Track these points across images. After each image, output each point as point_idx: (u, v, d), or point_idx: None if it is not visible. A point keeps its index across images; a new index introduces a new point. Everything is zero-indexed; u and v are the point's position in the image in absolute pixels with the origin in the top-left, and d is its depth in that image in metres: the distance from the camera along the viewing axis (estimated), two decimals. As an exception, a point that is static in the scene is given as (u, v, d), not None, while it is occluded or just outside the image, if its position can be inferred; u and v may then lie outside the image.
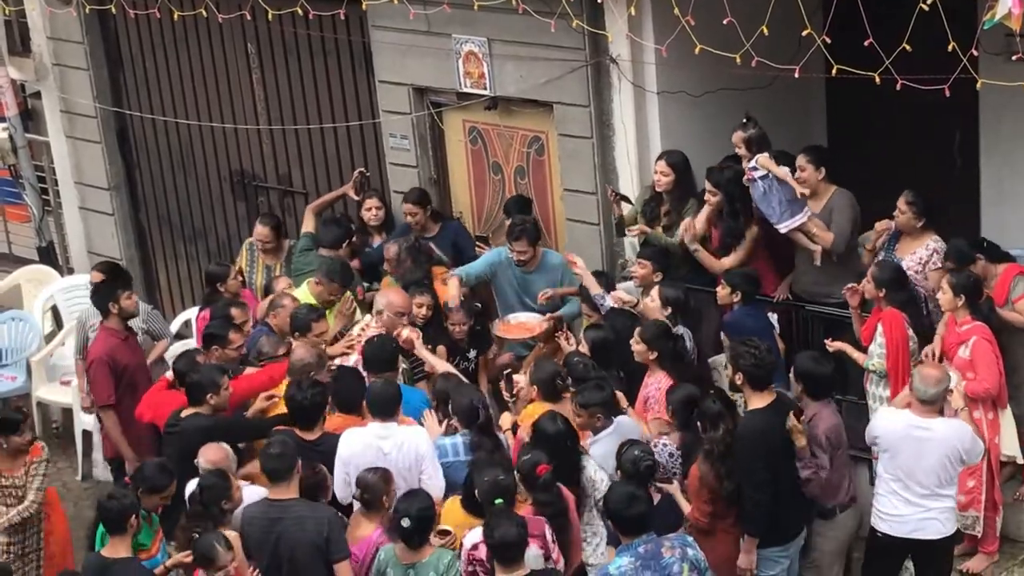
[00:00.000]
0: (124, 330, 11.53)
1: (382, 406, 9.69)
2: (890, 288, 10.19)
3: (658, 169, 11.46)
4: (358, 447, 9.54)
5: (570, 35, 11.53)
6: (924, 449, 9.17)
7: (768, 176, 10.82)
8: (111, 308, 11.40)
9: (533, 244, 11.44)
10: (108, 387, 11.30)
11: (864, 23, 9.65)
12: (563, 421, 9.40)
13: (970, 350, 9.90)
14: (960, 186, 12.41)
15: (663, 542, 8.62)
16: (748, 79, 10.80)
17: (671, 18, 10.54)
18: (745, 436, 9.42)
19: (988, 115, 12.07)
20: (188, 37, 14.18)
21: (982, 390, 9.87)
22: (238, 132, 14.18)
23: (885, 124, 12.42)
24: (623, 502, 8.61)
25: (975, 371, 9.88)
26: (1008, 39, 10.05)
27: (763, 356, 9.41)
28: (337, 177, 13.70)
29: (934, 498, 9.24)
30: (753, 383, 9.44)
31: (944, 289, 9.99)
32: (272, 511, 9.11)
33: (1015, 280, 10.26)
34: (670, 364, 10.08)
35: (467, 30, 12.15)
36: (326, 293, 11.55)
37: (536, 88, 12.04)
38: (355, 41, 13.09)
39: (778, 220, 10.89)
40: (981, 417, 9.95)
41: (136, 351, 11.66)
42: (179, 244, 15.18)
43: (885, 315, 10.20)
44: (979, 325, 9.93)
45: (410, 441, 9.56)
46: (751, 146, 10.91)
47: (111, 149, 15.09)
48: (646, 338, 10.13)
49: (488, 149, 12.74)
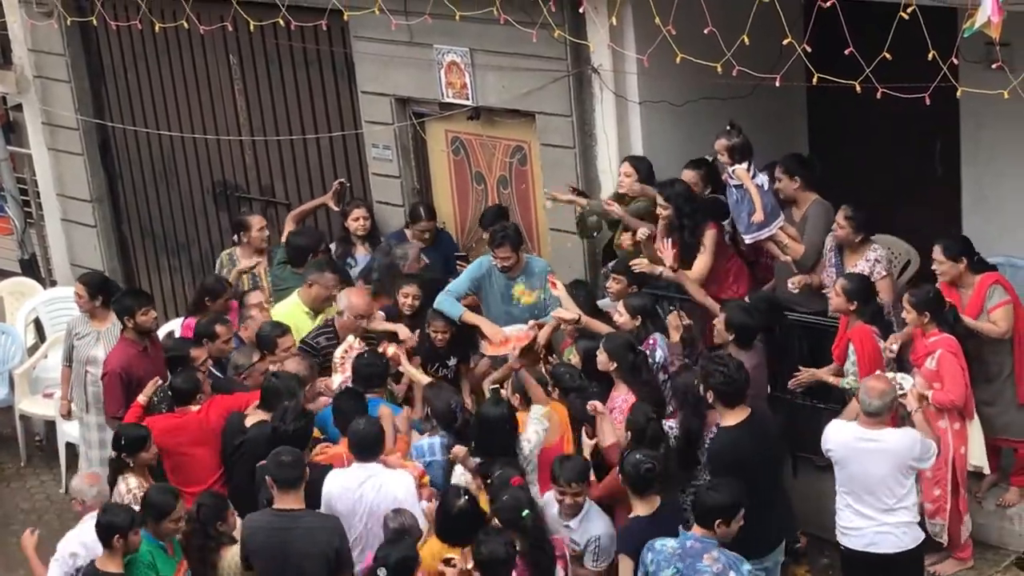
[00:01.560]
0: (142, 339, 11.44)
1: (364, 447, 9.51)
2: (861, 300, 10.20)
3: (622, 170, 11.54)
4: (336, 489, 9.42)
5: (552, 45, 11.56)
6: (872, 461, 9.15)
7: (743, 187, 10.88)
8: (126, 322, 11.36)
9: (516, 249, 11.44)
10: (116, 400, 11.18)
11: (844, 32, 9.68)
12: (506, 405, 9.70)
13: (936, 362, 9.92)
14: (941, 194, 12.45)
15: (711, 550, 8.60)
16: (729, 88, 10.84)
17: (652, 28, 10.57)
18: (717, 454, 9.45)
19: (968, 123, 12.11)
20: (170, 49, 14.18)
21: (948, 401, 9.90)
22: (220, 143, 14.19)
23: (866, 132, 12.45)
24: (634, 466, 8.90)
25: (941, 383, 9.92)
26: (988, 47, 10.09)
27: (733, 373, 9.38)
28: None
29: (888, 512, 9.19)
30: (724, 400, 9.41)
31: (907, 308, 10.02)
32: (280, 521, 9.05)
33: (991, 289, 10.28)
34: (630, 377, 10.06)
35: (449, 40, 12.17)
36: (323, 291, 11.55)
37: (518, 98, 12.06)
38: (337, 52, 13.11)
39: (744, 231, 10.94)
40: (947, 427, 9.98)
41: (155, 362, 11.35)
42: (162, 256, 15.17)
43: (854, 332, 10.21)
44: (945, 337, 9.95)
45: (389, 485, 9.40)
46: (734, 154, 10.94)
47: (93, 161, 15.08)
48: (608, 348, 10.13)
49: (471, 159, 12.76)
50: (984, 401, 10.31)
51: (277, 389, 10.21)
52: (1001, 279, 10.40)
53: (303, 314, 11.64)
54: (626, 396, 10.02)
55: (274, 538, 9.01)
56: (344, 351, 11.07)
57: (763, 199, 10.83)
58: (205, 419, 10.41)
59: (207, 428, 10.37)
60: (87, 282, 12.20)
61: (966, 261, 10.33)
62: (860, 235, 10.72)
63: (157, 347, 11.59)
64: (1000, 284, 10.32)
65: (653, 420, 9.52)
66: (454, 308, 11.33)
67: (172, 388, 10.64)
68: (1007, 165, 12.01)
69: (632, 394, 9.98)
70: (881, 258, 10.73)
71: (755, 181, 10.84)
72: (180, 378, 10.61)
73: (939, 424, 9.96)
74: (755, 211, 10.78)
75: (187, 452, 10.36)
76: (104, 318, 11.85)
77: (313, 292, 11.65)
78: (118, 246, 15.43)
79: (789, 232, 11.02)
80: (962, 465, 10.00)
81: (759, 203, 10.80)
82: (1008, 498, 10.58)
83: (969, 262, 10.36)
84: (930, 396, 9.89)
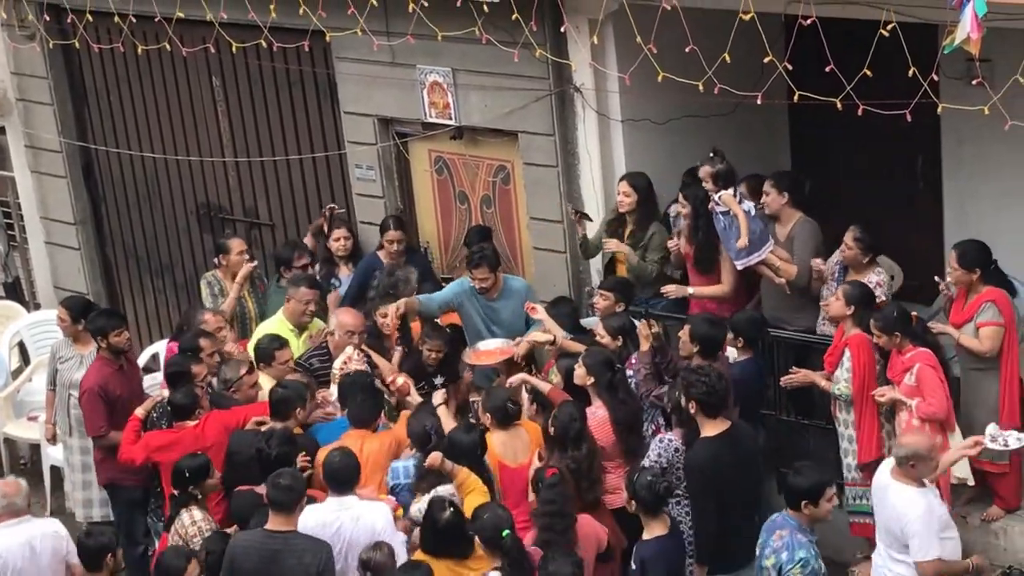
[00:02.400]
0: (118, 359, 11.47)
1: (340, 480, 9.45)
2: (859, 305, 10.22)
3: (620, 190, 11.56)
4: (312, 523, 9.33)
5: (534, 65, 11.59)
6: (882, 504, 9.14)
7: (729, 213, 10.91)
8: (100, 342, 11.37)
9: (494, 270, 11.45)
10: (100, 418, 11.22)
11: (825, 49, 9.72)
12: (478, 432, 9.77)
13: (915, 377, 9.93)
14: (923, 209, 12.49)
15: (784, 528, 8.73)
16: (711, 106, 10.87)
17: (634, 47, 10.59)
18: (694, 465, 9.49)
19: (950, 139, 12.16)
20: (152, 71, 14.18)
21: (931, 413, 9.90)
22: (204, 165, 14.18)
23: (848, 149, 12.50)
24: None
25: (922, 396, 9.93)
26: (968, 63, 10.13)
27: (715, 383, 9.44)
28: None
29: (892, 560, 9.13)
30: (706, 410, 9.47)
31: (876, 333, 10.02)
32: (272, 543, 9.03)
33: (986, 305, 10.24)
34: (607, 394, 10.09)
35: (431, 60, 12.19)
36: (299, 305, 11.59)
37: (501, 117, 12.09)
38: (320, 73, 13.12)
39: (735, 256, 10.97)
40: None
41: (132, 380, 11.53)
42: (146, 278, 15.15)
43: (852, 340, 10.23)
44: (921, 351, 9.96)
45: (367, 517, 9.36)
46: (718, 181, 11.00)
47: (76, 184, 15.07)
48: (587, 363, 10.16)
49: (454, 179, 12.77)
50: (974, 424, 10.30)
51: (287, 397, 10.28)
52: (1001, 299, 10.26)
53: (288, 331, 11.65)
54: (595, 412, 10.09)
55: (266, 559, 9.00)
56: (343, 362, 11.12)
57: (750, 224, 10.86)
58: (201, 434, 10.43)
59: (203, 443, 10.36)
60: (70, 306, 12.20)
61: (979, 272, 10.27)
62: (868, 256, 10.75)
63: (133, 366, 11.67)
64: (997, 304, 10.23)
65: (576, 421, 9.65)
66: (430, 303, 11.48)
67: (171, 403, 10.66)
68: (988, 180, 12.06)
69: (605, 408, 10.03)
70: (883, 283, 10.72)
71: (742, 206, 10.88)
72: (179, 393, 10.62)
73: (922, 438, 9.99)
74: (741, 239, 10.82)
75: None
76: (87, 342, 11.83)
77: (291, 307, 11.71)
78: (102, 268, 15.41)
79: (781, 255, 11.04)
80: (945, 478, 10.00)
81: (745, 228, 10.82)
82: (992, 512, 10.59)
83: (983, 272, 10.28)
84: (914, 406, 9.90)
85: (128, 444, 10.71)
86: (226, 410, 10.63)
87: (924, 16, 9.62)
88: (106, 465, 11.41)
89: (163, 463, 10.44)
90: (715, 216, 10.99)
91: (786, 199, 11.12)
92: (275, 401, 10.34)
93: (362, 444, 10.04)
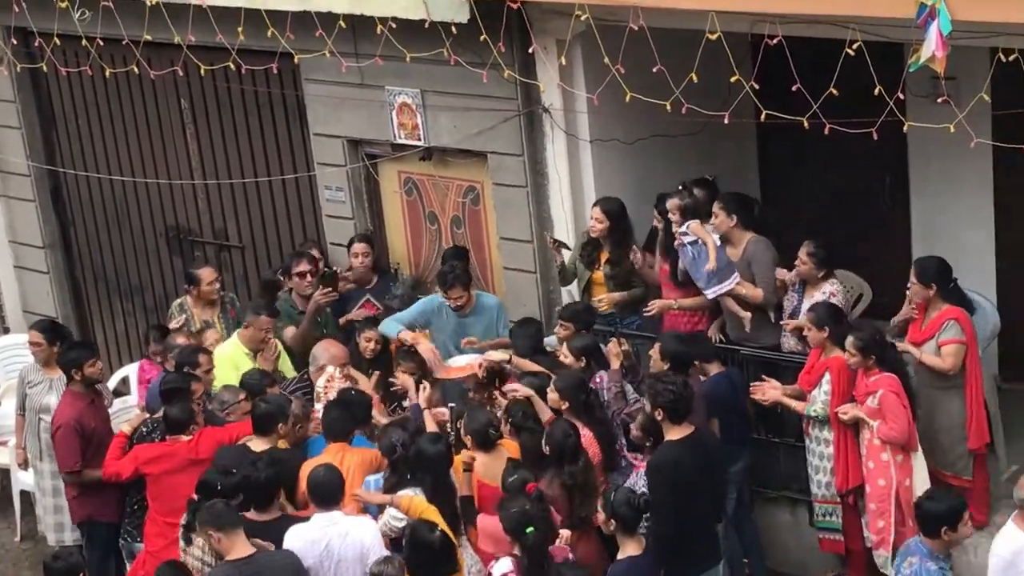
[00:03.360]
0: (90, 392, 11.41)
1: (324, 494, 9.48)
2: (831, 324, 10.24)
3: (593, 215, 11.57)
4: (300, 544, 9.35)
5: (502, 85, 11.61)
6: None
7: (698, 242, 10.94)
8: (74, 375, 11.32)
9: (467, 289, 11.49)
10: (74, 455, 11.11)
11: (792, 69, 9.76)
12: (444, 443, 9.79)
13: (878, 401, 9.96)
14: (891, 227, 12.54)
15: (914, 555, 8.72)
16: (679, 126, 10.91)
17: (602, 67, 10.63)
18: (656, 467, 9.56)
19: (917, 157, 12.22)
20: (121, 94, 14.16)
21: (891, 436, 9.94)
22: (173, 187, 14.15)
23: (816, 167, 12.54)
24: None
25: (884, 419, 9.97)
26: (934, 81, 10.19)
27: (680, 390, 9.55)
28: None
29: None
30: (671, 416, 9.57)
31: (851, 352, 10.03)
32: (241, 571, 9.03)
33: (948, 323, 10.29)
34: (583, 416, 10.11)
35: (400, 82, 12.20)
36: (257, 333, 11.61)
37: (470, 138, 12.10)
38: (288, 94, 13.12)
39: (705, 286, 11.00)
40: (890, 459, 10.03)
41: (103, 411, 11.49)
42: (115, 301, 15.11)
43: (833, 363, 10.24)
44: (886, 377, 9.98)
45: (355, 532, 9.37)
46: (686, 214, 11.05)
47: (45, 207, 15.02)
48: (560, 387, 10.20)
49: (424, 199, 12.78)
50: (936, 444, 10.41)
51: (270, 412, 10.30)
52: (962, 317, 10.33)
53: (243, 354, 11.66)
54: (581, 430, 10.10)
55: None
56: (327, 380, 11.15)
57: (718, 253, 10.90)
58: (194, 449, 10.44)
59: (195, 458, 10.38)
60: (43, 329, 12.16)
61: (935, 288, 10.33)
62: (822, 271, 10.79)
63: (101, 398, 11.60)
64: (959, 322, 10.29)
65: (571, 436, 9.69)
66: (392, 328, 11.44)
67: (167, 417, 10.64)
68: (955, 198, 12.12)
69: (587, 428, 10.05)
70: (837, 291, 10.78)
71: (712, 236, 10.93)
72: (176, 408, 10.60)
73: (882, 456, 10.03)
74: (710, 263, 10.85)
75: (171, 480, 10.36)
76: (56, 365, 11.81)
77: (248, 333, 11.71)
78: (71, 292, 15.36)
79: (745, 285, 11.07)
80: (907, 497, 10.01)
81: (713, 254, 10.86)
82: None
83: (940, 288, 10.33)
84: (875, 427, 9.96)
85: (113, 459, 10.69)
86: (220, 427, 10.64)
87: (889, 35, 9.68)
88: (81, 502, 11.35)
89: (151, 475, 10.46)
90: (682, 249, 11.01)
91: (735, 221, 11.10)
92: (258, 416, 10.34)
93: (342, 458, 10.08)
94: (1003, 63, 9.26)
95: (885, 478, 10.02)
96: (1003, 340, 11.72)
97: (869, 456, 10.10)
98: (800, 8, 9.76)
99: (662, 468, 9.53)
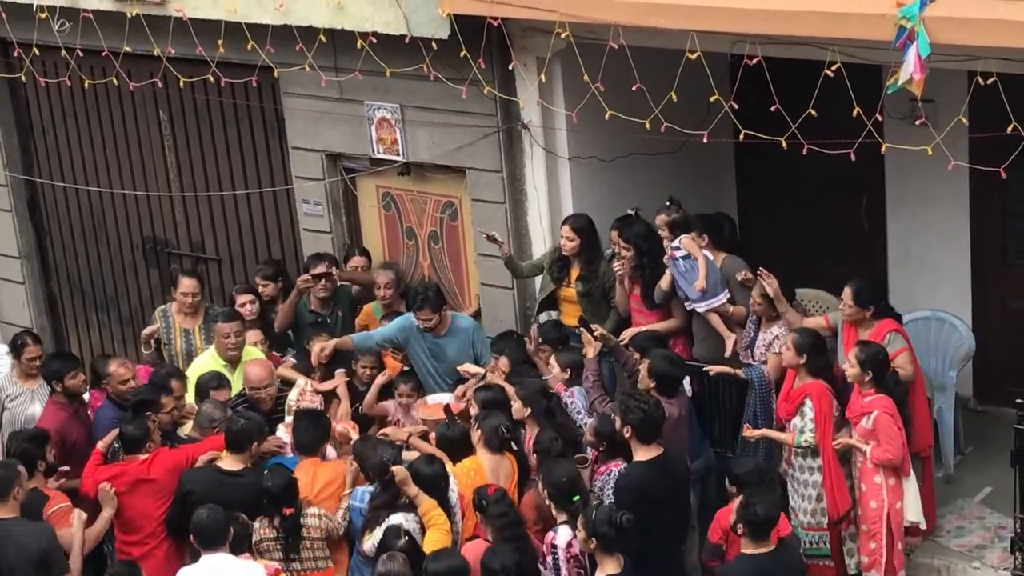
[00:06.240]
0: (72, 403, 11.36)
1: (208, 537, 9.45)
2: (811, 354, 10.23)
3: (563, 234, 11.57)
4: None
5: (482, 102, 11.62)
6: None
7: (690, 257, 10.95)
8: (55, 386, 11.27)
9: (437, 311, 11.42)
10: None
11: (771, 89, 9.80)
12: (439, 464, 9.83)
13: (872, 422, 9.99)
14: (867, 248, 12.58)
15: None
16: (658, 144, 10.93)
17: (581, 85, 10.66)
18: (623, 486, 9.60)
19: (894, 178, 12.26)
20: (99, 105, 14.14)
21: (885, 459, 9.97)
22: (150, 199, 14.14)
23: (794, 187, 12.57)
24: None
25: (877, 441, 9.99)
26: (911, 103, 10.25)
27: (651, 411, 9.61)
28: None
29: None
30: (641, 436, 9.62)
31: (851, 363, 10.05)
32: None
33: (890, 335, 10.37)
34: (545, 421, 10.19)
35: (379, 96, 12.21)
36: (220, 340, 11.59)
37: (449, 154, 12.11)
38: (267, 108, 13.12)
39: (697, 300, 11.01)
40: (882, 483, 10.05)
41: (86, 423, 11.39)
42: (91, 312, 15.08)
43: (812, 388, 10.22)
44: (881, 398, 10.01)
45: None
46: (675, 229, 11.06)
47: (21, 217, 14.98)
48: (521, 396, 10.29)
49: (402, 214, 12.78)
50: None
51: (247, 429, 10.27)
52: (899, 328, 10.52)
53: (220, 366, 11.60)
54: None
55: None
56: (298, 395, 11.17)
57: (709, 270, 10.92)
58: (146, 469, 10.35)
59: (145, 477, 10.31)
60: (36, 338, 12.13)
61: (872, 309, 10.46)
62: (775, 312, 10.81)
63: (84, 407, 11.53)
64: (899, 333, 10.45)
65: (556, 441, 9.84)
66: (367, 342, 11.53)
67: (122, 435, 10.58)
68: (931, 220, 12.16)
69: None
70: (780, 336, 10.73)
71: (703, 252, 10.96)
72: (131, 425, 10.53)
73: (875, 479, 10.05)
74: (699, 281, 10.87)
75: (123, 500, 10.31)
76: (35, 376, 11.76)
77: (217, 342, 11.71)
78: (47, 302, 15.32)
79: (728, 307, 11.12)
80: (898, 520, 10.05)
81: (703, 270, 10.87)
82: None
83: (875, 309, 10.48)
84: (868, 451, 9.98)
85: (87, 477, 10.66)
86: (174, 449, 10.55)
87: (868, 57, 9.72)
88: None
89: None
90: (673, 262, 11.02)
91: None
92: (235, 432, 10.28)
93: (314, 472, 10.12)
94: (981, 86, 9.30)
95: (877, 500, 10.05)
96: (977, 362, 11.78)
97: (862, 479, 10.12)
98: (779, 29, 9.79)
99: (630, 488, 9.55)
